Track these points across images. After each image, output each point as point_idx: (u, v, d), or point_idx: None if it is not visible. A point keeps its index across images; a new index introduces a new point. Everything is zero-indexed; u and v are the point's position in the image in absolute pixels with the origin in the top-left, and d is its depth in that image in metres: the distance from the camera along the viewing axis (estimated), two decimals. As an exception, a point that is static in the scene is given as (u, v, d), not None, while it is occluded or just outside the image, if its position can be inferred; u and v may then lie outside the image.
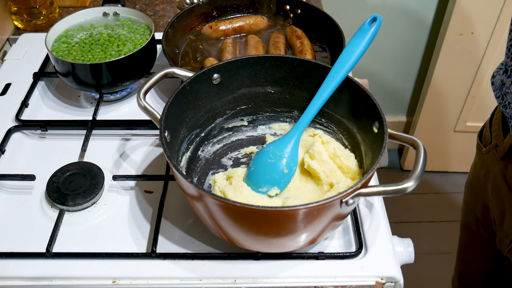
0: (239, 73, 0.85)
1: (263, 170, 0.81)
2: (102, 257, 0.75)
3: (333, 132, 0.87)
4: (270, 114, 0.91)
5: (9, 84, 1.08)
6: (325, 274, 0.74)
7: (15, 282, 0.74)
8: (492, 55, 1.89)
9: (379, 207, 0.83)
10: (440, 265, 1.97)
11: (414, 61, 2.12)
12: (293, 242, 0.70)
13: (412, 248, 0.80)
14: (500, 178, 0.99)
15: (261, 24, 1.16)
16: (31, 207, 0.84)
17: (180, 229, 0.80)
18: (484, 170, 1.07)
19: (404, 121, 2.34)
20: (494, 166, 1.01)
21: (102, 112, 1.02)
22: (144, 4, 1.38)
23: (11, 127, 0.96)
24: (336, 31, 1.06)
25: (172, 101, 0.76)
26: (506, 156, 0.96)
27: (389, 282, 0.74)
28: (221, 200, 0.64)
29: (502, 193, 0.99)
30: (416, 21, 1.96)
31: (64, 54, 1.00)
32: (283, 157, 0.81)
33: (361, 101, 0.78)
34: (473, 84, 1.99)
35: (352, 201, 0.65)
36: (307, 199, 0.80)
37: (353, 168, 0.80)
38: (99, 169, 0.87)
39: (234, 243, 0.72)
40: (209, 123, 0.87)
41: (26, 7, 1.23)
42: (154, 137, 0.96)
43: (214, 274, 0.74)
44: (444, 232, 2.09)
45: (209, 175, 0.85)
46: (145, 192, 0.86)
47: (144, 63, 1.03)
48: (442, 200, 2.25)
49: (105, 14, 1.09)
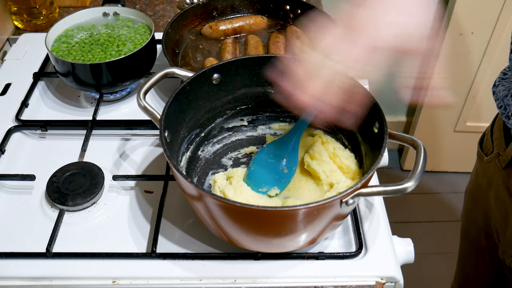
0: (239, 73, 0.84)
1: (263, 170, 0.81)
2: (102, 257, 0.75)
3: (333, 132, 0.87)
4: (270, 114, 0.91)
5: (9, 84, 1.08)
6: (325, 274, 0.74)
7: (15, 282, 0.74)
8: (492, 55, 1.89)
9: (379, 207, 0.83)
10: (440, 265, 1.97)
11: (414, 61, 2.11)
12: (293, 242, 0.70)
13: (412, 248, 0.80)
14: (502, 188, 0.97)
15: (261, 24, 1.16)
16: (31, 207, 0.84)
17: (180, 229, 0.80)
18: (485, 179, 1.05)
19: (404, 121, 2.34)
20: (497, 176, 0.99)
21: (102, 112, 1.02)
22: (144, 4, 1.38)
23: (11, 127, 0.96)
24: (336, 31, 1.06)
25: (172, 101, 0.76)
26: (508, 165, 0.95)
27: (389, 282, 0.74)
28: (221, 200, 0.64)
29: (505, 203, 0.97)
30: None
31: (64, 54, 1.00)
32: (283, 157, 0.81)
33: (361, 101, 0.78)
34: (473, 84, 1.99)
35: (352, 201, 0.65)
36: (307, 199, 0.80)
37: (353, 168, 0.80)
38: (99, 169, 0.87)
39: (234, 243, 0.72)
40: (209, 123, 0.87)
41: (26, 7, 1.23)
42: (154, 137, 0.96)
43: (214, 274, 0.74)
44: (444, 232, 2.09)
45: (209, 175, 0.85)
46: (145, 192, 0.86)
47: (144, 63, 1.03)
48: (442, 200, 2.25)
49: (105, 14, 1.09)
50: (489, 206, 1.05)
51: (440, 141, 2.22)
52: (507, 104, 0.89)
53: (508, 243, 0.99)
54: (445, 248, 1.95)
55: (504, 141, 0.97)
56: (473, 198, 1.15)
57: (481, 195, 1.09)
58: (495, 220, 1.04)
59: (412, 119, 2.28)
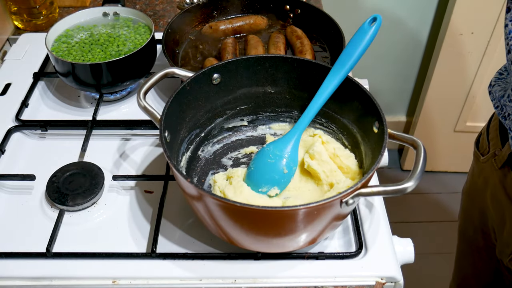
0: (239, 73, 0.85)
1: (263, 170, 0.81)
2: (102, 257, 0.75)
3: (333, 132, 0.87)
4: (270, 114, 0.91)
5: (9, 84, 1.08)
6: (325, 274, 0.74)
7: (15, 282, 0.74)
8: (492, 55, 1.89)
9: (379, 207, 0.83)
10: (440, 265, 1.97)
11: (414, 61, 2.12)
12: (293, 242, 0.70)
13: (412, 248, 0.80)
14: (499, 188, 0.98)
15: (261, 24, 1.16)
16: (31, 207, 0.84)
17: (180, 229, 0.80)
18: (482, 178, 1.05)
19: (404, 121, 2.34)
20: (493, 175, 1.00)
21: (102, 112, 1.02)
22: (144, 4, 1.38)
23: (11, 127, 0.96)
24: (336, 31, 1.06)
25: (172, 101, 0.76)
26: (504, 165, 0.95)
27: (389, 282, 0.74)
28: (221, 200, 0.64)
29: (502, 202, 0.97)
30: (416, 21, 1.96)
31: (64, 54, 1.00)
32: (283, 157, 0.81)
33: (361, 101, 0.78)
34: (473, 84, 1.99)
35: (352, 201, 0.65)
36: (307, 199, 0.80)
37: (353, 168, 0.80)
38: (99, 169, 0.87)
39: (234, 243, 0.72)
40: (209, 123, 0.87)
41: (26, 7, 1.23)
42: (154, 137, 0.96)
43: (214, 274, 0.74)
44: (444, 232, 2.09)
45: (209, 175, 0.85)
46: (145, 192, 0.86)
47: (144, 63, 1.03)
48: (442, 200, 2.25)
49: (105, 14, 1.09)
50: (485, 205, 1.06)
51: (440, 141, 2.22)
52: (503, 105, 0.89)
53: (505, 242, 0.99)
54: (445, 248, 1.95)
55: (500, 141, 0.97)
56: (470, 198, 1.16)
57: (477, 195, 1.09)
58: (492, 219, 1.04)
59: (412, 119, 2.28)
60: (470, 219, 1.16)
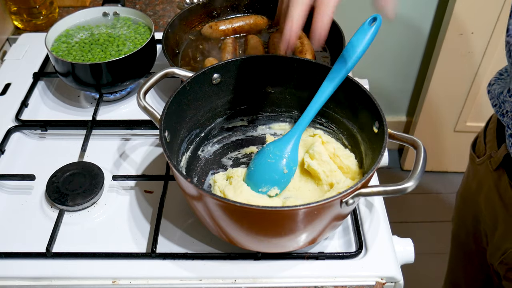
0: (239, 73, 0.85)
1: (263, 170, 0.81)
2: (102, 257, 0.75)
3: (333, 132, 0.87)
4: (270, 114, 0.91)
5: (9, 84, 1.08)
6: (325, 274, 0.74)
7: (15, 282, 0.74)
8: (492, 55, 1.89)
9: (379, 207, 0.83)
10: (440, 265, 1.96)
11: (414, 61, 2.12)
12: (293, 242, 0.70)
13: (412, 248, 0.80)
14: (493, 190, 0.97)
15: (261, 24, 1.16)
16: (31, 207, 0.84)
17: (180, 229, 0.80)
18: (476, 181, 1.05)
19: (404, 121, 2.34)
20: (487, 178, 1.00)
21: (102, 112, 1.02)
22: (144, 4, 1.38)
23: (11, 127, 0.96)
24: (336, 31, 1.06)
25: (172, 101, 0.76)
26: (499, 167, 0.95)
27: (389, 282, 0.74)
28: (221, 200, 0.64)
29: (495, 205, 0.97)
30: (416, 21, 1.96)
31: (64, 54, 1.00)
32: (283, 157, 0.81)
33: (361, 101, 0.78)
34: (473, 84, 1.99)
35: (352, 201, 0.65)
36: (307, 199, 0.80)
37: (353, 168, 0.80)
38: (99, 169, 0.87)
39: (234, 243, 0.72)
40: (209, 123, 0.87)
41: (26, 7, 1.23)
42: (154, 137, 0.96)
43: (214, 274, 0.74)
44: (444, 232, 2.08)
45: (209, 175, 0.85)
46: (145, 192, 0.86)
47: (144, 63, 1.03)
48: (442, 200, 2.25)
49: (105, 14, 1.09)
50: (479, 209, 1.05)
51: (440, 141, 2.22)
52: (502, 101, 0.89)
53: (496, 245, 0.98)
54: (445, 248, 1.94)
55: (496, 143, 0.97)
56: (464, 200, 1.16)
57: (471, 198, 1.09)
58: (485, 223, 1.04)
59: (412, 119, 2.28)
60: (463, 223, 1.17)
